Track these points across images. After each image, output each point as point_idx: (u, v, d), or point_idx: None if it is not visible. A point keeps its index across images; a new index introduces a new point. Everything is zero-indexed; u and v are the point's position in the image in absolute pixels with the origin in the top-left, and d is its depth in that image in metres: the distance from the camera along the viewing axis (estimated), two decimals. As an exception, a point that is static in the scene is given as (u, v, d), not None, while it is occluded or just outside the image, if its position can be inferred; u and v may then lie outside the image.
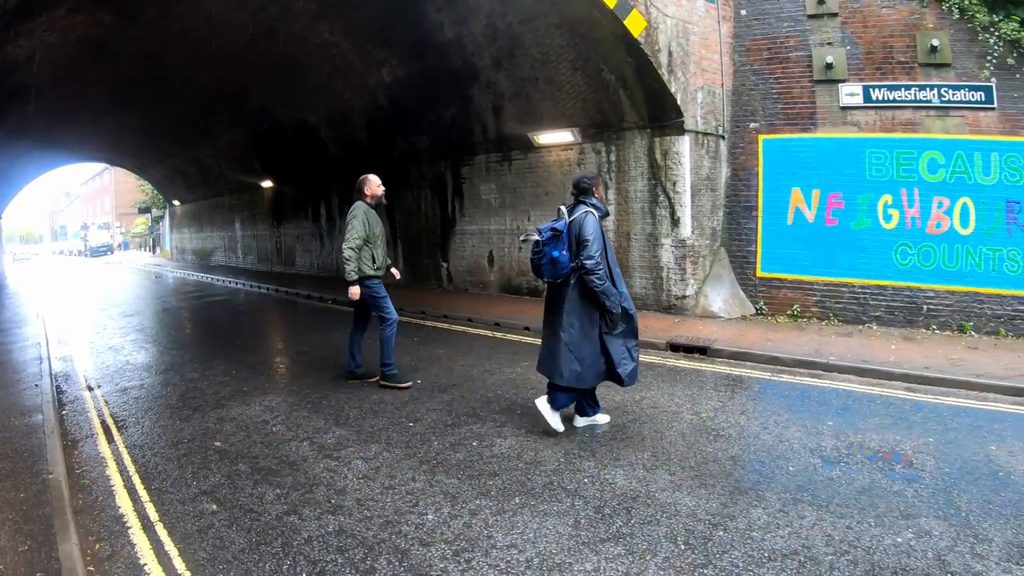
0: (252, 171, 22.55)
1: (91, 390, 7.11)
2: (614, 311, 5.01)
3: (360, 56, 13.59)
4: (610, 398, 5.93)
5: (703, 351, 7.99)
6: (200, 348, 9.79)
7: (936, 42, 9.16)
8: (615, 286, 5.07)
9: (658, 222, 10.26)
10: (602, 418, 5.58)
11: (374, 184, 6.83)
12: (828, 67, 9.80)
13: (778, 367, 7.40)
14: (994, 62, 8.83)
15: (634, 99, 10.20)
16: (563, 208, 5.23)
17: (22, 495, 4.20)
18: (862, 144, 9.57)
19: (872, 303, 9.42)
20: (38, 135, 19.27)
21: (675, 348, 8.21)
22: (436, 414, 5.92)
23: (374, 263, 6.68)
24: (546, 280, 5.21)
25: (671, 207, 10.07)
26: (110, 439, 5.47)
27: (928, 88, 9.26)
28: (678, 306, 10.18)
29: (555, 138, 11.63)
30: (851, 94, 9.72)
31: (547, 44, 10.59)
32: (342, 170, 17.84)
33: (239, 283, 19.62)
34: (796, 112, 10.09)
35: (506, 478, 4.50)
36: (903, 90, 9.41)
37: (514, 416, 5.84)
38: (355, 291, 6.55)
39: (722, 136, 10.50)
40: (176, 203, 34.11)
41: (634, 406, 6.03)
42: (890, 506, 4.03)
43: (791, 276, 10.02)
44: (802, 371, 7.24)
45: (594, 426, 5.51)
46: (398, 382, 6.76)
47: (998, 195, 8.83)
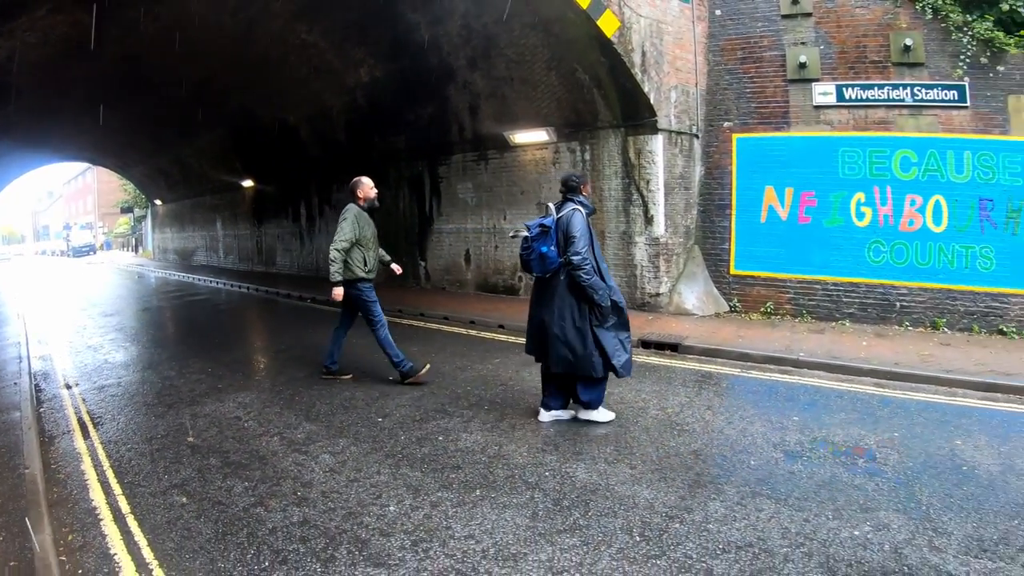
0: (233, 171, 22.44)
1: (69, 388, 7.12)
2: (603, 304, 5.10)
3: (338, 56, 13.54)
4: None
5: (674, 348, 7.99)
6: (178, 347, 9.80)
7: (909, 41, 9.22)
8: (603, 280, 5.17)
9: (632, 220, 10.26)
10: (566, 414, 5.59)
11: (367, 186, 6.81)
12: (802, 66, 9.84)
13: (748, 363, 7.41)
14: (967, 61, 8.90)
15: (608, 98, 10.20)
16: (551, 205, 5.35)
17: (-1, 489, 4.28)
18: (835, 143, 9.62)
19: (845, 300, 9.46)
20: (19, 135, 19.14)
21: (647, 345, 8.19)
22: (405, 410, 5.95)
23: (365, 266, 6.66)
24: (535, 275, 5.31)
25: (644, 206, 10.08)
26: (86, 435, 5.51)
27: (901, 87, 9.32)
28: (652, 304, 10.18)
29: (530, 137, 11.64)
30: (824, 93, 9.76)
31: (522, 44, 10.59)
32: (322, 170, 17.82)
33: (220, 283, 19.56)
34: (770, 111, 10.13)
35: (469, 471, 4.54)
36: (876, 89, 9.47)
37: (481, 411, 5.87)
38: (338, 292, 6.51)
39: (696, 135, 10.51)
40: (158, 203, 33.80)
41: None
42: (850, 500, 4.02)
43: (764, 274, 10.05)
44: (772, 367, 7.25)
45: (559, 421, 5.53)
46: (417, 371, 6.72)
47: (971, 193, 8.90)
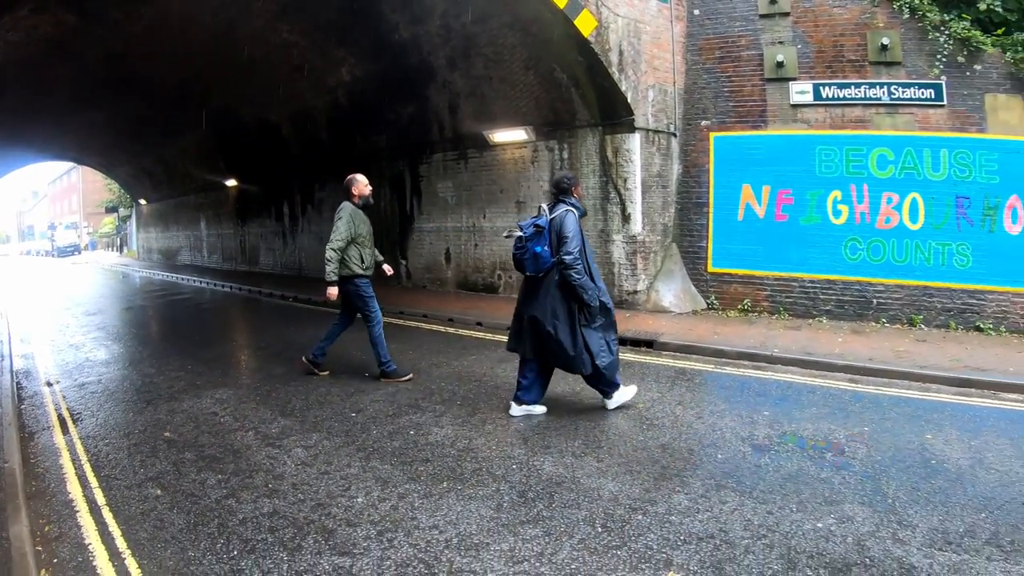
0: (217, 170, 22.38)
1: (50, 385, 7.15)
2: (592, 304, 5.19)
3: (320, 55, 13.51)
4: (549, 389, 5.87)
5: (650, 344, 7.99)
6: (159, 345, 9.84)
7: (887, 41, 9.27)
8: (593, 281, 5.26)
9: (609, 218, 10.27)
10: (539, 409, 5.58)
11: (361, 184, 6.79)
12: (779, 65, 9.88)
13: (722, 360, 7.43)
14: (944, 60, 8.94)
15: (586, 98, 10.21)
16: (544, 206, 5.44)
17: (-22, 483, 4.32)
18: (812, 141, 9.66)
19: (822, 297, 9.49)
20: (3, 134, 19.08)
21: (622, 342, 7.93)
22: (379, 405, 5.98)
23: (362, 262, 6.67)
24: (528, 273, 5.36)
25: (622, 204, 10.08)
26: (65, 431, 5.56)
27: (878, 86, 9.37)
28: (629, 301, 10.17)
29: (509, 136, 11.65)
30: (801, 92, 9.80)
31: (500, 43, 10.59)
32: (304, 169, 17.78)
33: (204, 282, 19.51)
34: (747, 110, 10.16)
35: (437, 464, 4.57)
36: (853, 88, 9.52)
37: (454, 406, 5.91)
38: (332, 292, 6.53)
39: (673, 134, 10.52)
40: (143, 202, 33.62)
41: (572, 397, 6.02)
42: (815, 492, 4.02)
43: (742, 271, 10.08)
44: (746, 363, 7.27)
45: (530, 416, 5.53)
46: (399, 376, 6.78)
47: (947, 191, 8.94)
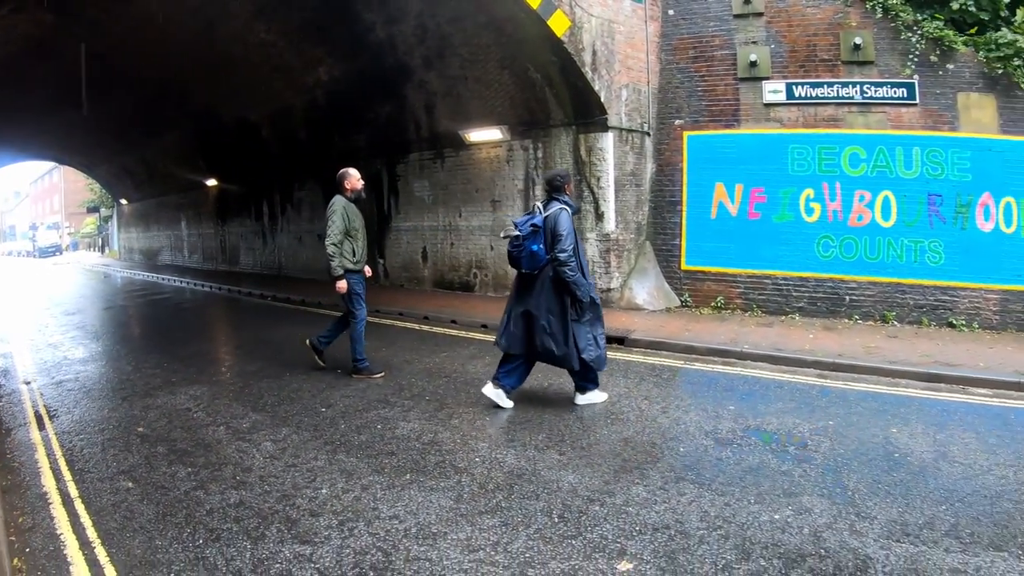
0: (197, 169, 22.29)
1: (28, 384, 7.17)
2: (584, 300, 5.33)
3: (297, 55, 13.46)
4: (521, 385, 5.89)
5: (621, 341, 8.00)
6: (137, 344, 9.92)
7: (859, 40, 9.36)
8: (584, 277, 5.39)
9: (583, 217, 10.24)
10: (508, 403, 5.63)
11: (354, 178, 6.82)
12: (752, 65, 9.94)
13: (692, 356, 7.45)
14: (916, 59, 9.03)
15: (559, 97, 10.24)
16: (539, 204, 5.55)
17: (-46, 478, 4.37)
18: (785, 140, 9.72)
19: (795, 294, 9.55)
20: (-17, 133, 18.89)
21: None
22: (349, 400, 6.03)
23: (354, 256, 6.68)
24: (523, 270, 5.46)
25: (595, 202, 10.10)
26: (41, 427, 5.62)
27: (851, 85, 9.46)
28: (603, 299, 9.80)
29: (485, 136, 11.66)
30: (774, 91, 9.87)
31: (475, 43, 10.59)
32: (283, 168, 17.73)
33: (184, 282, 19.44)
34: (720, 109, 10.22)
35: (402, 457, 4.62)
36: (826, 87, 9.60)
37: (422, 401, 5.95)
38: (342, 285, 6.58)
39: (647, 133, 10.56)
40: (124, 202, 33.35)
41: (540, 392, 6.03)
42: (774, 485, 4.04)
43: (715, 269, 10.13)
44: (715, 359, 7.30)
45: (498, 410, 5.58)
46: (372, 373, 6.82)
47: (920, 188, 9.04)
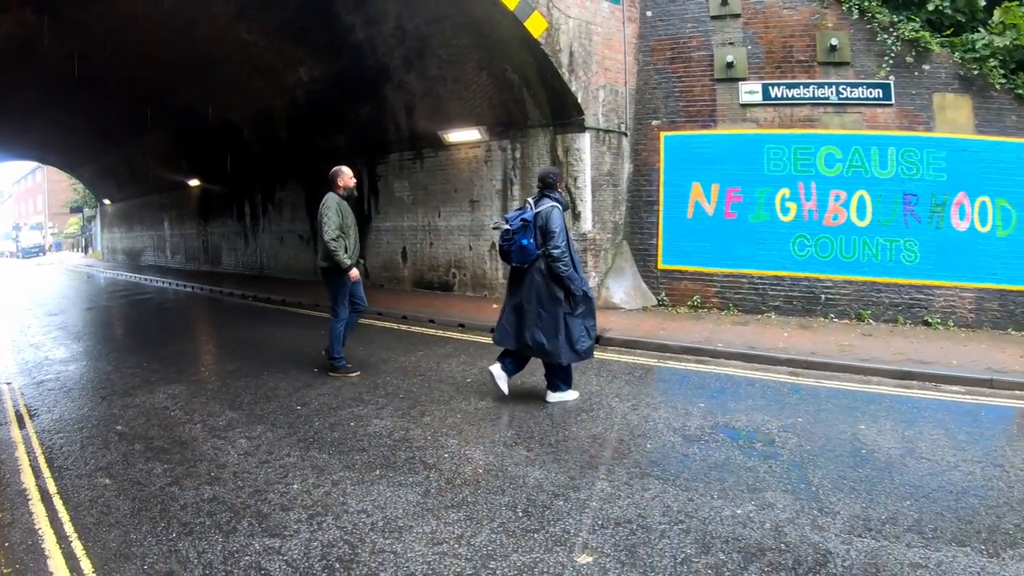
0: (180, 170, 22.24)
1: (9, 384, 7.17)
2: (577, 293, 5.49)
3: (278, 55, 13.47)
4: (490, 382, 5.92)
5: (596, 340, 7.90)
6: (118, 343, 9.95)
7: (836, 41, 9.45)
8: (576, 272, 5.56)
9: (561, 216, 10.28)
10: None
11: (346, 175, 6.90)
12: (729, 66, 10.01)
13: (666, 354, 7.50)
14: (892, 60, 9.14)
15: (537, 98, 10.28)
16: (530, 200, 5.70)
17: (-66, 477, 4.41)
18: (761, 140, 9.80)
19: (771, 293, 9.64)
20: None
21: None
22: (324, 399, 6.07)
23: (346, 253, 6.65)
24: (514, 264, 5.62)
25: (572, 202, 10.10)
26: (22, 426, 5.65)
27: (827, 86, 9.55)
28: None
29: (463, 136, 11.69)
30: (751, 92, 9.96)
31: (454, 45, 10.63)
32: (265, 169, 17.68)
33: (167, 282, 19.35)
34: (697, 110, 10.29)
35: (373, 453, 4.67)
36: (802, 88, 9.69)
37: (395, 399, 5.99)
38: (354, 273, 6.68)
39: (624, 133, 10.61)
40: (107, 202, 33.13)
41: (513, 390, 6.00)
42: (739, 480, 4.08)
43: (691, 268, 10.19)
44: (689, 358, 7.35)
45: (471, 408, 5.65)
46: (347, 372, 6.86)
47: (895, 188, 9.14)
